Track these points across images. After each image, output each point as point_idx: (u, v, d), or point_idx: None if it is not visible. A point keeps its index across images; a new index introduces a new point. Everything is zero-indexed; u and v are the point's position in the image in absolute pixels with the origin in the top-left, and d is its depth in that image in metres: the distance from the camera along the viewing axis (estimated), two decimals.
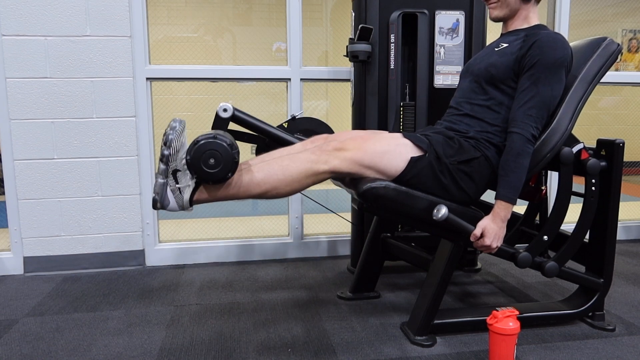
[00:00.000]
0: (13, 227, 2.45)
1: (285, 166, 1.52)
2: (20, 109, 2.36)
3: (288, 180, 1.52)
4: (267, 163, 1.55)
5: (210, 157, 1.43)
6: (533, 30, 1.67)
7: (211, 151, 1.43)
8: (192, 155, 1.43)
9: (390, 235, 2.09)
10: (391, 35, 2.18)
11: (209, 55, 5.50)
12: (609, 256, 1.81)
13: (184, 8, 5.42)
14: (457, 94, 1.80)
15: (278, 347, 1.70)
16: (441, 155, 1.61)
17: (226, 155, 1.44)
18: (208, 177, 1.44)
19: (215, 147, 1.43)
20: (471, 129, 1.69)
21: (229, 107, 1.73)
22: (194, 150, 1.43)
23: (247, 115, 1.80)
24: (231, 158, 1.44)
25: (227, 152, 1.44)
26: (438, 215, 1.54)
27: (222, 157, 1.43)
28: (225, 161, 1.44)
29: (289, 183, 1.53)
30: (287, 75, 2.60)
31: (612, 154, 1.76)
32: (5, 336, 1.79)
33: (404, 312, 1.98)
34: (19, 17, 2.31)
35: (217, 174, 1.44)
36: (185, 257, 2.64)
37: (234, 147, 1.45)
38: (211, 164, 1.43)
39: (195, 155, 1.43)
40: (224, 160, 1.44)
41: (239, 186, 1.52)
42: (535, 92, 1.58)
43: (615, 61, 1.76)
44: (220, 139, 1.44)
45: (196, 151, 1.43)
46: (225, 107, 1.74)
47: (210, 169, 1.43)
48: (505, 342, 1.51)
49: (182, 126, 1.49)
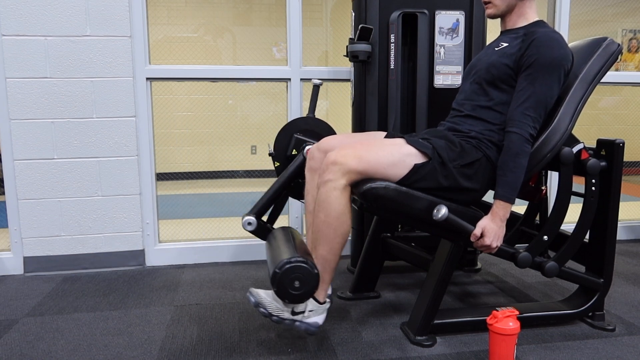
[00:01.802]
0: (13, 227, 2.45)
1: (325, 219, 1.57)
2: (20, 109, 2.36)
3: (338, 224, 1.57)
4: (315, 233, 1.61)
5: (296, 280, 1.51)
6: (532, 28, 1.66)
7: (298, 275, 1.51)
8: (281, 273, 1.50)
9: (390, 235, 2.10)
10: (391, 35, 2.18)
11: (209, 55, 5.51)
12: (609, 256, 1.81)
13: (184, 8, 5.42)
14: (459, 96, 1.80)
15: (278, 347, 1.70)
16: (446, 161, 1.61)
17: (311, 283, 1.52)
18: (287, 297, 1.53)
19: (303, 272, 1.51)
20: (473, 129, 1.69)
21: (253, 220, 1.85)
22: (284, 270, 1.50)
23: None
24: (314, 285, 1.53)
25: (312, 280, 1.52)
26: (438, 216, 1.54)
27: (307, 282, 1.52)
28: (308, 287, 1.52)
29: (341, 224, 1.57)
30: (287, 75, 2.60)
31: (612, 154, 1.76)
32: (5, 336, 1.79)
33: (404, 312, 1.98)
34: (19, 17, 2.31)
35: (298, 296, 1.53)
36: (185, 257, 2.64)
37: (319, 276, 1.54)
38: (295, 287, 1.51)
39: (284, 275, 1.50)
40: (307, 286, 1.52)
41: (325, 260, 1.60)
42: (532, 92, 1.58)
43: (615, 61, 1.76)
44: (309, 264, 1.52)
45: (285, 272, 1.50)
46: (249, 221, 1.85)
47: (293, 290, 1.52)
48: (505, 342, 1.51)
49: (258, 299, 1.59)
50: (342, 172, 1.54)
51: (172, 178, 5.20)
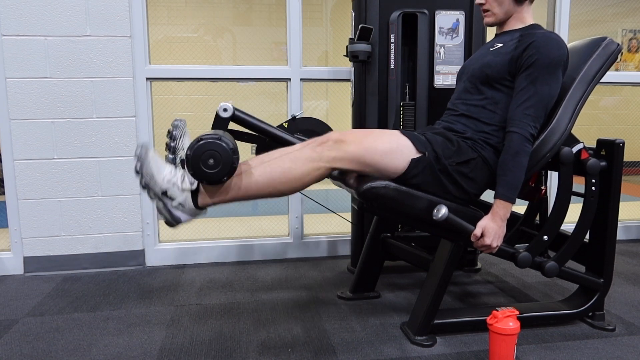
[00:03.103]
0: (13, 227, 2.45)
1: (286, 168, 1.52)
2: (20, 109, 2.36)
3: (291, 182, 1.52)
4: (267, 164, 1.54)
5: (210, 157, 1.43)
6: (528, 30, 1.67)
7: (212, 152, 1.43)
8: (193, 152, 1.43)
9: (390, 235, 2.09)
10: (391, 35, 2.18)
11: (209, 55, 5.50)
12: (609, 256, 1.81)
13: (184, 8, 5.42)
14: (454, 96, 1.81)
15: (278, 347, 1.70)
16: (440, 156, 1.61)
17: (226, 159, 1.43)
18: (203, 176, 1.44)
19: (217, 149, 1.43)
20: (468, 129, 1.69)
21: (229, 106, 1.73)
22: (195, 147, 1.43)
23: (247, 115, 1.80)
24: (230, 162, 1.44)
25: (227, 156, 1.43)
26: (438, 215, 1.54)
27: (221, 159, 1.43)
28: (224, 164, 1.44)
29: (291, 183, 1.53)
30: (287, 75, 2.60)
31: (612, 154, 1.76)
32: (5, 336, 1.79)
33: (404, 312, 1.98)
34: (19, 17, 2.31)
35: (213, 175, 1.44)
36: (185, 257, 2.64)
37: (235, 152, 1.45)
38: (210, 164, 1.43)
39: (197, 153, 1.42)
40: (222, 163, 1.43)
41: (240, 188, 1.52)
42: (533, 92, 1.58)
43: (615, 61, 1.76)
44: (224, 141, 1.44)
45: (198, 149, 1.42)
46: (225, 106, 1.73)
47: (207, 169, 1.43)
48: (505, 342, 1.51)
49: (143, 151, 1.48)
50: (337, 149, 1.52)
51: None
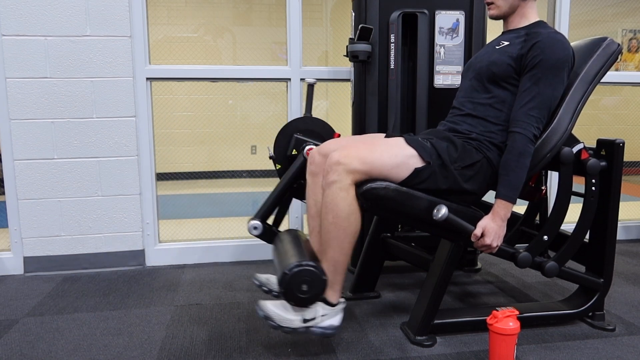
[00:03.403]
0: (13, 227, 2.45)
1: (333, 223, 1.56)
2: (20, 109, 2.36)
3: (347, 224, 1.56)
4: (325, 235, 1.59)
5: (303, 284, 1.52)
6: (534, 28, 1.67)
7: (303, 279, 1.52)
8: (285, 288, 1.52)
9: (390, 235, 2.09)
10: (391, 35, 2.18)
11: (209, 55, 5.51)
12: (609, 256, 1.81)
13: (184, 8, 5.42)
14: (459, 94, 1.80)
15: (278, 347, 1.70)
16: (447, 163, 1.61)
17: (315, 278, 1.53)
18: (293, 300, 1.54)
19: (306, 275, 1.53)
20: (474, 129, 1.69)
21: (259, 225, 1.87)
22: (285, 283, 1.51)
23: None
24: (320, 280, 1.54)
25: (316, 276, 1.53)
26: (438, 215, 1.54)
27: (312, 281, 1.53)
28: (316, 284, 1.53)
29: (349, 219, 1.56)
30: (287, 75, 2.60)
31: (612, 154, 1.76)
32: (5, 336, 1.79)
33: (404, 312, 1.98)
34: (19, 17, 2.31)
35: (312, 298, 1.55)
36: (185, 257, 2.64)
37: (321, 270, 1.54)
38: (304, 290, 1.53)
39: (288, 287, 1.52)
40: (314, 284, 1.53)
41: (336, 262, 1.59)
42: (536, 92, 1.58)
43: (615, 61, 1.76)
44: (307, 265, 1.52)
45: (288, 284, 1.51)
46: (255, 225, 1.87)
47: (303, 294, 1.53)
48: (505, 342, 1.51)
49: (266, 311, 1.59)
50: (346, 172, 1.54)
51: (172, 178, 5.20)
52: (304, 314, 1.57)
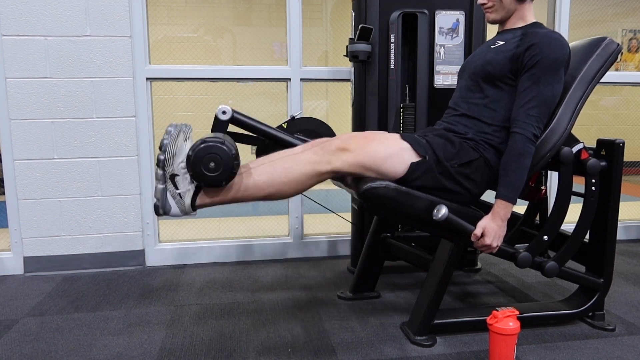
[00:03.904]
0: (13, 227, 2.45)
1: (287, 168, 1.52)
2: (20, 109, 2.36)
3: (291, 183, 1.53)
4: (269, 165, 1.54)
5: (210, 161, 1.43)
6: (530, 28, 1.67)
7: (214, 155, 1.43)
8: (194, 154, 1.43)
9: (390, 235, 2.09)
10: (391, 35, 2.18)
11: (209, 55, 5.50)
12: (609, 256, 1.81)
13: (184, 8, 5.42)
14: (455, 94, 1.80)
15: (278, 347, 1.70)
16: (442, 159, 1.61)
17: (227, 163, 1.44)
18: (203, 179, 1.45)
19: (219, 152, 1.43)
20: (469, 130, 1.69)
21: (228, 109, 1.73)
22: (197, 149, 1.43)
23: (246, 117, 1.79)
24: (231, 167, 1.45)
25: (229, 160, 1.44)
26: (438, 215, 1.54)
27: (222, 163, 1.44)
28: (224, 168, 1.44)
29: (292, 185, 1.53)
30: (287, 75, 2.60)
31: (612, 154, 1.76)
32: (5, 336, 1.79)
33: (404, 312, 1.98)
34: (19, 17, 2.31)
35: (213, 178, 1.45)
36: (185, 257, 2.64)
37: (237, 157, 1.46)
38: (210, 167, 1.44)
39: (198, 155, 1.43)
40: (223, 167, 1.44)
41: (241, 189, 1.52)
42: (536, 92, 1.58)
43: (615, 61, 1.76)
44: (226, 145, 1.44)
45: (199, 151, 1.43)
46: (224, 109, 1.73)
47: (208, 172, 1.44)
48: (505, 342, 1.51)
49: (177, 130, 1.49)
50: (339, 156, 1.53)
51: None
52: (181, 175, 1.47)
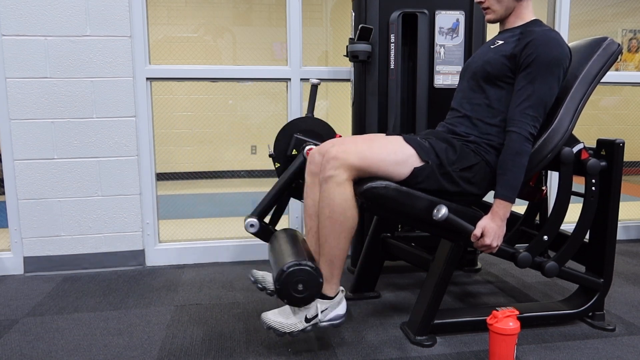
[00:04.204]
0: (13, 227, 2.45)
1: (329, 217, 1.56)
2: (20, 109, 2.36)
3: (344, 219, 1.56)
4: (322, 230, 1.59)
5: (299, 284, 1.52)
6: (528, 27, 1.67)
7: (299, 279, 1.52)
8: (281, 285, 1.51)
9: (390, 235, 2.09)
10: (391, 35, 2.18)
11: (209, 55, 5.51)
12: (609, 256, 1.81)
13: (184, 8, 5.42)
14: (457, 95, 1.80)
15: (278, 347, 1.70)
16: (444, 164, 1.61)
17: (313, 280, 1.53)
18: (298, 302, 1.55)
19: (302, 275, 1.52)
20: (471, 132, 1.69)
21: (255, 222, 1.86)
22: (282, 280, 1.51)
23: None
24: (317, 283, 1.54)
25: (313, 278, 1.53)
26: (438, 215, 1.54)
27: (309, 282, 1.53)
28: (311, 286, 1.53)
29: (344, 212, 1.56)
30: (287, 75, 2.60)
31: (612, 154, 1.76)
32: (5, 336, 1.79)
33: (404, 312, 1.98)
34: (19, 17, 2.31)
35: (306, 298, 1.54)
36: (185, 257, 2.64)
37: (319, 271, 1.54)
38: (300, 290, 1.53)
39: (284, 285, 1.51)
40: (310, 285, 1.53)
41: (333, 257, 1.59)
42: (532, 91, 1.58)
43: (615, 61, 1.76)
44: (306, 265, 1.52)
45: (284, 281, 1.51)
46: (252, 222, 1.86)
47: (298, 294, 1.53)
48: (505, 342, 1.51)
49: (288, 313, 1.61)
50: (343, 168, 1.54)
51: (172, 178, 5.20)
52: (305, 313, 1.57)
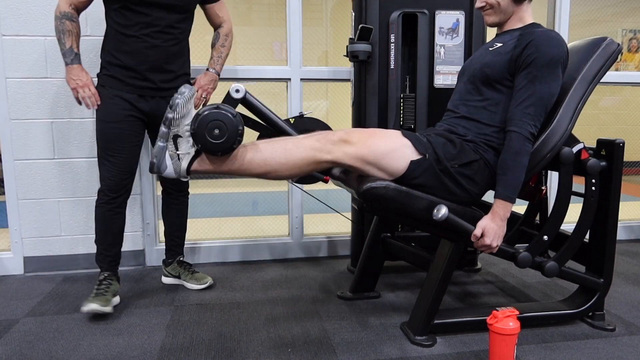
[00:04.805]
0: (13, 227, 2.45)
1: (288, 150, 1.52)
2: (20, 109, 2.36)
3: (289, 164, 1.53)
4: (269, 144, 1.55)
5: (215, 128, 1.43)
6: (527, 29, 1.67)
7: (216, 121, 1.43)
8: (196, 125, 1.43)
9: (390, 235, 2.09)
10: (391, 35, 2.18)
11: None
12: (609, 256, 1.81)
13: None
14: (454, 96, 1.80)
15: (278, 347, 1.70)
16: (442, 158, 1.61)
17: (231, 126, 1.44)
18: (213, 148, 1.45)
19: (220, 118, 1.43)
20: (469, 132, 1.69)
21: (242, 88, 1.71)
22: (198, 120, 1.43)
23: (258, 101, 1.79)
24: (235, 128, 1.45)
25: (231, 123, 1.44)
26: (438, 215, 1.54)
27: (226, 127, 1.44)
28: (230, 131, 1.44)
29: (289, 167, 1.53)
30: (287, 75, 2.60)
31: (612, 154, 1.76)
32: (5, 336, 1.79)
33: (404, 312, 1.98)
34: (19, 17, 2.31)
35: (222, 144, 1.45)
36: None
37: (238, 118, 1.46)
38: (216, 135, 1.43)
39: (200, 125, 1.43)
40: (228, 131, 1.44)
41: (240, 162, 1.53)
42: (532, 91, 1.58)
43: (615, 61, 1.76)
44: (224, 109, 1.44)
45: (201, 121, 1.43)
46: (237, 87, 1.70)
47: (214, 139, 1.44)
48: (505, 342, 1.51)
49: (191, 93, 1.49)
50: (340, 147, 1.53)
51: None
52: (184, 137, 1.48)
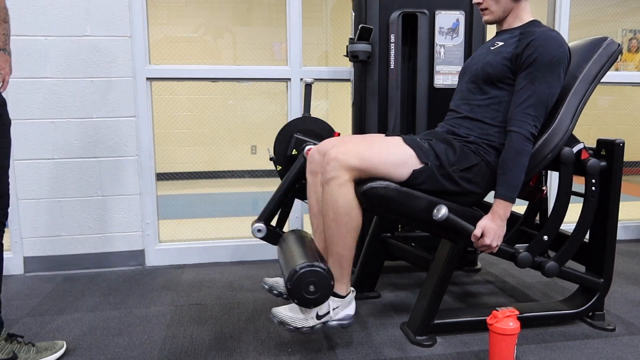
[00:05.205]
0: (13, 227, 2.45)
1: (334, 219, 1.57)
2: (20, 109, 2.36)
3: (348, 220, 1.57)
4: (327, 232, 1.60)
5: (310, 285, 1.52)
6: (528, 27, 1.67)
7: (311, 280, 1.52)
8: (293, 285, 1.51)
9: (390, 235, 2.09)
10: (391, 35, 2.18)
11: (209, 55, 5.51)
12: (609, 256, 1.81)
13: (184, 8, 5.42)
14: (456, 96, 1.80)
15: (278, 347, 1.70)
16: (445, 164, 1.61)
17: (324, 283, 1.53)
18: (308, 303, 1.54)
19: (314, 277, 1.52)
20: (471, 133, 1.69)
21: (262, 227, 1.87)
22: (294, 280, 1.51)
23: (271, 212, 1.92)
24: (328, 285, 1.53)
25: (325, 279, 1.53)
26: (438, 216, 1.54)
27: (320, 284, 1.52)
28: (323, 288, 1.53)
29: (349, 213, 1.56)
30: (287, 75, 2.60)
31: (612, 154, 1.76)
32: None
33: (404, 312, 1.98)
34: (19, 17, 2.31)
35: (317, 300, 1.54)
36: (185, 257, 2.64)
37: (331, 274, 1.54)
38: (311, 291, 1.52)
39: (296, 285, 1.51)
40: (322, 288, 1.53)
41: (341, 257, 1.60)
42: (532, 91, 1.58)
43: (615, 61, 1.76)
44: (318, 267, 1.52)
45: (296, 281, 1.51)
46: (259, 227, 1.87)
47: (309, 295, 1.53)
48: (505, 342, 1.51)
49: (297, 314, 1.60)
50: (344, 169, 1.54)
51: (172, 178, 5.20)
52: (317, 310, 1.58)
